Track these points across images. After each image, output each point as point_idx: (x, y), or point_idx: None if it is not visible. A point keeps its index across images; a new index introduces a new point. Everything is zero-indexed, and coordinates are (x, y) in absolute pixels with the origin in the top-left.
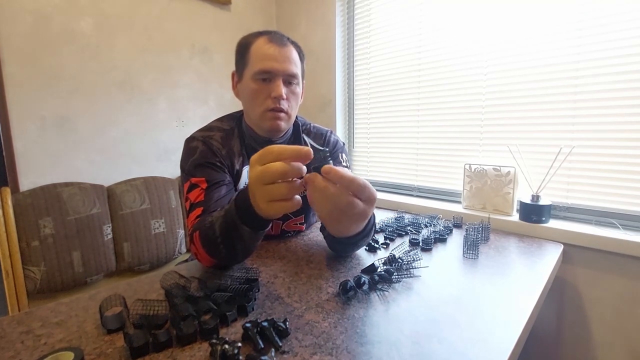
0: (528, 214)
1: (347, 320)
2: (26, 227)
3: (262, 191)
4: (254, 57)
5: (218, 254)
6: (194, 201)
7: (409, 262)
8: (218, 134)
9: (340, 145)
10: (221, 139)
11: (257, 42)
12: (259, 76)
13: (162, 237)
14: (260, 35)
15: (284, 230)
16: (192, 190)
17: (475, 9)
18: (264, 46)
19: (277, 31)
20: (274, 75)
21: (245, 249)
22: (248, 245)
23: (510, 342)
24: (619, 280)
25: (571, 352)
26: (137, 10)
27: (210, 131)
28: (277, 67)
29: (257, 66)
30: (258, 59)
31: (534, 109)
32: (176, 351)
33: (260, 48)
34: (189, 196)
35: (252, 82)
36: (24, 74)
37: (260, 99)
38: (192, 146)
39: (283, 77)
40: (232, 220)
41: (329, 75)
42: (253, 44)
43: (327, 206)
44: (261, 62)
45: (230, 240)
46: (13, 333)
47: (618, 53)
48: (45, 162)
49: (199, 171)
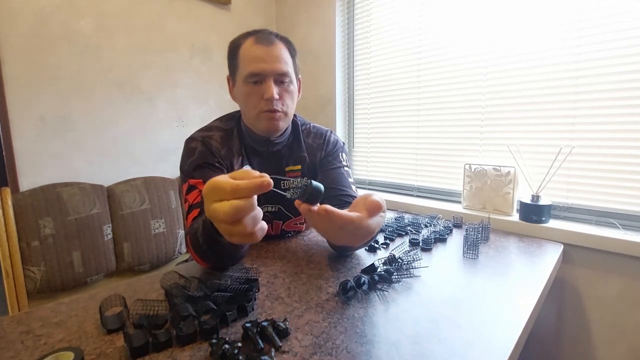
0: (528, 214)
1: (347, 320)
2: (26, 227)
3: (219, 226)
4: (242, 60)
5: (207, 259)
6: (192, 202)
7: (408, 262)
8: (218, 134)
9: (340, 145)
10: (221, 139)
11: (244, 44)
12: (250, 79)
13: (162, 237)
14: (248, 37)
15: (284, 230)
16: (191, 192)
17: (475, 9)
18: (251, 48)
19: (265, 30)
20: (264, 77)
21: (232, 258)
22: (232, 254)
23: (510, 342)
24: (619, 280)
25: (571, 352)
26: (137, 10)
27: (209, 131)
28: (267, 67)
29: (246, 69)
30: (247, 61)
31: (534, 109)
32: (176, 351)
33: (248, 50)
34: (187, 198)
35: (243, 86)
36: (24, 74)
37: (253, 101)
38: (191, 147)
39: (274, 77)
40: (210, 232)
41: (329, 75)
42: (241, 47)
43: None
44: (250, 65)
45: (214, 249)
46: (13, 333)
47: (618, 53)
48: (45, 162)
49: (197, 172)
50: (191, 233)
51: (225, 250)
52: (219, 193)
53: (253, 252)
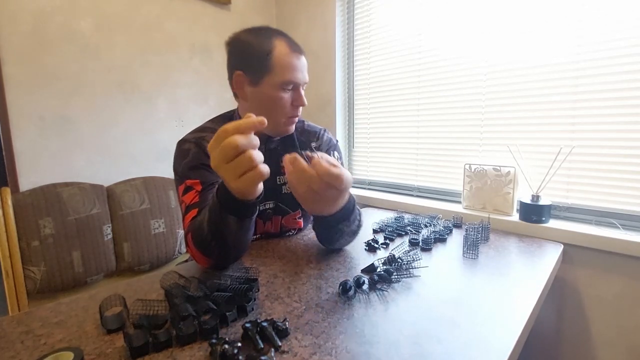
0: (528, 214)
1: (346, 320)
2: (26, 227)
3: (226, 169)
4: (278, 66)
5: (211, 251)
6: (189, 203)
7: (408, 262)
8: (210, 135)
9: (333, 143)
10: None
11: (278, 48)
12: (285, 86)
13: (162, 237)
14: (277, 39)
15: (283, 226)
16: (188, 193)
17: (475, 9)
18: (288, 55)
19: (287, 34)
20: (297, 85)
21: (237, 242)
22: (239, 237)
23: (510, 342)
24: (619, 280)
25: (571, 352)
26: (137, 10)
27: (202, 132)
28: (302, 78)
29: (284, 77)
30: (284, 69)
31: (534, 109)
32: (176, 351)
33: (285, 57)
34: (184, 199)
35: (274, 91)
36: (24, 74)
37: (284, 107)
38: (184, 149)
39: (302, 85)
40: (217, 213)
41: (329, 75)
42: (274, 51)
43: (302, 187)
44: (289, 73)
45: (220, 234)
46: (13, 333)
47: (618, 53)
48: (45, 162)
49: (193, 173)
50: (193, 228)
51: (232, 231)
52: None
53: (253, 252)
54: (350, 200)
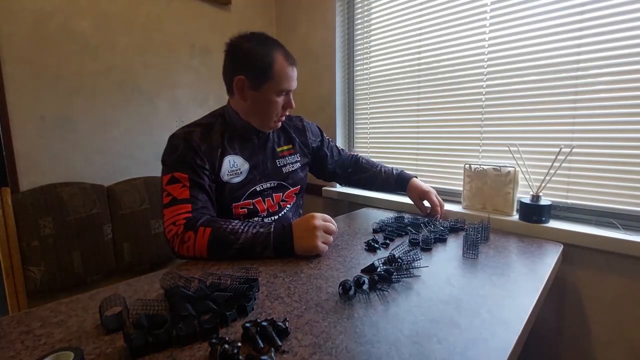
0: (528, 214)
1: (346, 320)
2: (26, 227)
3: (322, 235)
4: (279, 76)
5: (220, 253)
6: (177, 197)
7: (408, 262)
8: (198, 130)
9: (321, 131)
10: (201, 134)
11: (278, 60)
12: (282, 93)
13: (162, 237)
14: (276, 52)
15: (284, 200)
16: (174, 184)
17: (475, 9)
18: (287, 68)
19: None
20: (289, 92)
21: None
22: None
23: (510, 342)
24: (619, 280)
25: (571, 352)
26: (137, 10)
27: (191, 127)
28: (294, 85)
29: (282, 85)
30: (283, 79)
31: (534, 109)
32: (176, 351)
33: (284, 69)
34: (168, 189)
35: (272, 96)
36: (24, 74)
37: (276, 108)
38: (174, 144)
39: (292, 91)
40: (265, 245)
41: (329, 75)
42: (275, 63)
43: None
44: (286, 82)
45: (249, 254)
46: (13, 333)
47: (618, 53)
48: (45, 162)
49: (183, 167)
50: (217, 229)
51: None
52: (327, 218)
53: None
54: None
